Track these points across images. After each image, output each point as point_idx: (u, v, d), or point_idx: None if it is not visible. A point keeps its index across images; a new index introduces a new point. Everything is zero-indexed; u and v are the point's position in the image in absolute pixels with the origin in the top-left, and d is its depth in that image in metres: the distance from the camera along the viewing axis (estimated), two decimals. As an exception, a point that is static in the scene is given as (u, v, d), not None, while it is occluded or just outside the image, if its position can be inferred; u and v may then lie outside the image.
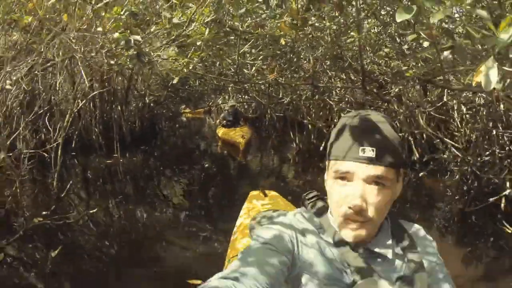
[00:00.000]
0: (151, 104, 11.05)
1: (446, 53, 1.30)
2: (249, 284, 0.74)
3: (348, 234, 0.87)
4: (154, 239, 4.07)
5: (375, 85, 5.55)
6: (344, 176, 0.86)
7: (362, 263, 0.86)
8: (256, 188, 3.53)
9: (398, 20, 1.28)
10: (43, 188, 4.20)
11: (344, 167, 0.86)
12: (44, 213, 3.93)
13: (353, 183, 0.85)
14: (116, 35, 2.08)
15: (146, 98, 10.43)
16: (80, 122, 8.02)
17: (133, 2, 2.05)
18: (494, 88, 0.92)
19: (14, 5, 2.72)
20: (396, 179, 0.88)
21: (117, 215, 4.55)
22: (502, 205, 4.24)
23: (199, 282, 3.02)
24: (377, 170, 0.84)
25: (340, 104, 7.39)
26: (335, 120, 7.21)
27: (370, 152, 0.84)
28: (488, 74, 0.93)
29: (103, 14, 2.41)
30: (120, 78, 7.82)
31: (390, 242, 0.91)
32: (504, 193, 4.18)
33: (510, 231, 3.94)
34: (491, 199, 4.15)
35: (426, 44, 1.41)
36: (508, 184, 4.21)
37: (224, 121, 10.36)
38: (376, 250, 0.89)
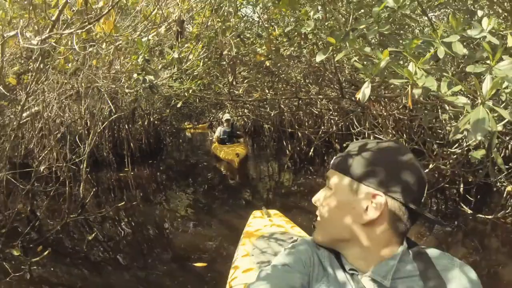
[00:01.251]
0: (156, 122, 11.87)
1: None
2: None
3: None
4: (165, 234, 4.91)
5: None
6: None
7: None
8: (256, 202, 4.13)
9: (318, 60, 2.06)
10: (69, 196, 5.05)
11: None
12: (72, 216, 4.80)
13: None
14: (135, 75, 2.90)
15: (151, 117, 11.24)
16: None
17: (145, 51, 2.86)
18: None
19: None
20: (350, 189, 0.88)
21: (133, 215, 5.48)
22: (461, 189, 5.03)
23: (204, 264, 3.83)
24: (329, 173, 0.93)
25: (330, 112, 8.22)
26: (322, 128, 8.04)
27: (335, 159, 0.94)
28: (364, 92, 1.67)
29: (123, 59, 3.25)
30: (128, 100, 8.61)
31: (391, 269, 0.85)
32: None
33: (469, 212, 4.69)
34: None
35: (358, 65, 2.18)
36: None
37: (220, 137, 10.13)
38: (375, 277, 0.85)
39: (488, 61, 1.42)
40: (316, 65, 5.49)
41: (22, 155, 5.52)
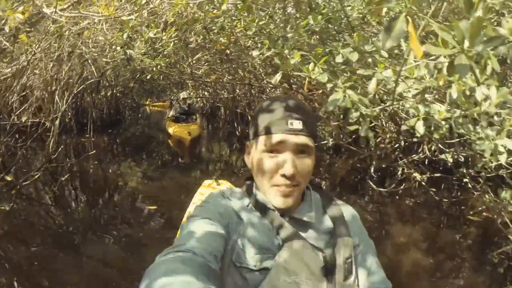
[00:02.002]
0: (118, 94, 12.38)
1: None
2: (200, 252, 0.76)
3: (280, 201, 0.93)
4: (122, 185, 5.82)
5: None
6: (274, 149, 0.93)
7: (290, 230, 0.91)
8: (207, 175, 4.90)
9: (254, 55, 2.95)
10: (39, 151, 5.79)
11: (275, 138, 0.92)
12: (40, 167, 5.51)
13: (283, 154, 0.92)
14: (118, 48, 3.69)
15: (114, 89, 11.65)
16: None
17: (130, 29, 3.65)
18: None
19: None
20: (314, 146, 0.96)
21: (94, 172, 6.38)
22: (372, 169, 6.13)
23: (155, 207, 4.69)
24: (304, 139, 0.93)
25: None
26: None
27: (298, 124, 0.92)
28: (276, 78, 2.54)
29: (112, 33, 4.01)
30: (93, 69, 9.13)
31: (312, 209, 0.97)
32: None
33: (374, 187, 5.75)
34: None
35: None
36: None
37: (175, 116, 10.36)
38: (301, 217, 0.95)
39: (376, 68, 2.09)
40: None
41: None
